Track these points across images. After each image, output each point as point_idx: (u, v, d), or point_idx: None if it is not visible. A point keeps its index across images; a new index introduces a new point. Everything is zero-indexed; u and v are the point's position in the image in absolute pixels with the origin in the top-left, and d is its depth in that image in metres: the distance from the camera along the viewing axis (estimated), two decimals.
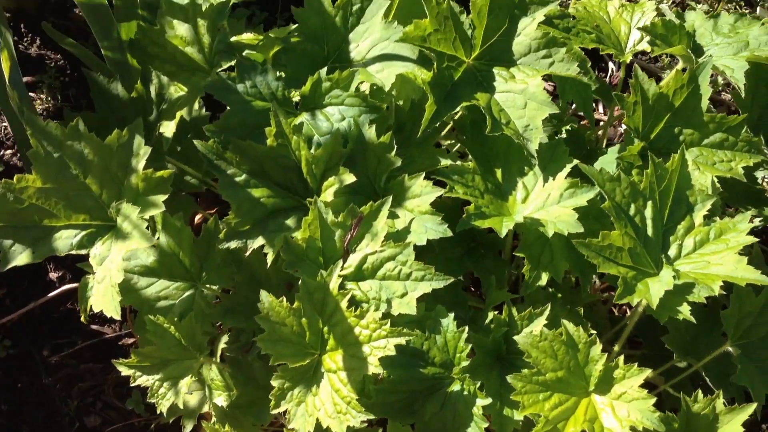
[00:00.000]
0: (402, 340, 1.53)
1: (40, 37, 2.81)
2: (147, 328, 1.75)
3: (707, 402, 1.67)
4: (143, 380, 1.78)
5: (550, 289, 1.95)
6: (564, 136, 2.06)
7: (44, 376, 2.37)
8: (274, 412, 1.61)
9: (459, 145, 2.07)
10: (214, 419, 1.92)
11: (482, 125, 1.83)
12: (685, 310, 1.69)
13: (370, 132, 1.77)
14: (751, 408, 1.64)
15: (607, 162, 1.97)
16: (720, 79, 2.74)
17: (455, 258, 1.90)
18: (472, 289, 2.33)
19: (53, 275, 2.50)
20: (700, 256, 1.74)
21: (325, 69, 1.79)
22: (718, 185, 1.89)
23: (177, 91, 1.93)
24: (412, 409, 1.68)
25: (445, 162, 1.86)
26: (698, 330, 1.95)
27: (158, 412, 1.81)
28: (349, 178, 1.71)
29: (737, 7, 3.12)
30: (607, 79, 2.97)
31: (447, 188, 1.80)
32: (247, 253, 1.74)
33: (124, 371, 1.78)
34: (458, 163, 1.86)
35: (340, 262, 1.64)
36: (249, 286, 1.84)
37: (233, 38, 1.91)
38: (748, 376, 1.82)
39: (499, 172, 1.89)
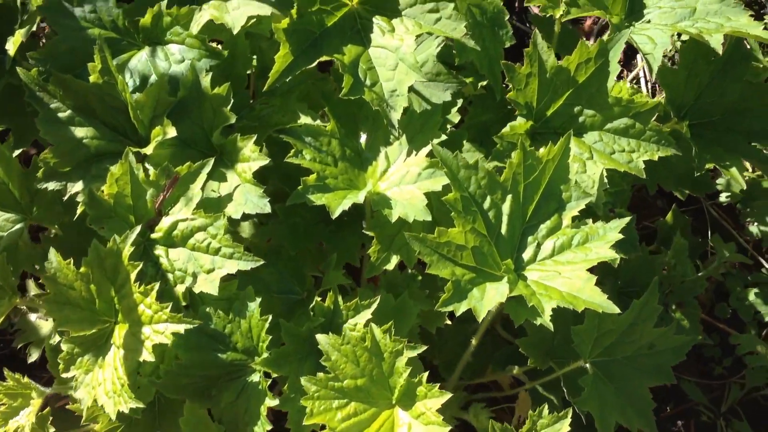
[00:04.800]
0: (180, 329, 1.40)
1: None
2: None
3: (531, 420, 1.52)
4: None
5: (411, 272, 1.78)
6: (459, 100, 1.83)
7: None
8: (64, 376, 1.52)
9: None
10: None
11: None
12: (546, 315, 1.51)
13: (206, 80, 1.58)
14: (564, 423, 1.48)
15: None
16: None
17: (304, 226, 1.73)
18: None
19: None
20: (555, 263, 1.55)
21: (166, 1, 1.60)
22: (606, 182, 1.67)
23: (37, 2, 1.75)
24: (209, 393, 1.57)
25: (304, 119, 1.67)
26: (568, 331, 1.77)
27: None
28: (171, 132, 1.55)
29: None
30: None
31: (292, 152, 1.62)
32: (65, 198, 1.61)
33: None
34: (317, 122, 1.67)
35: (139, 228, 1.49)
36: (78, 229, 1.71)
37: None
38: (598, 399, 1.65)
39: (364, 137, 1.70)
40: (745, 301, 2.15)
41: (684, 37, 2.15)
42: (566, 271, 1.52)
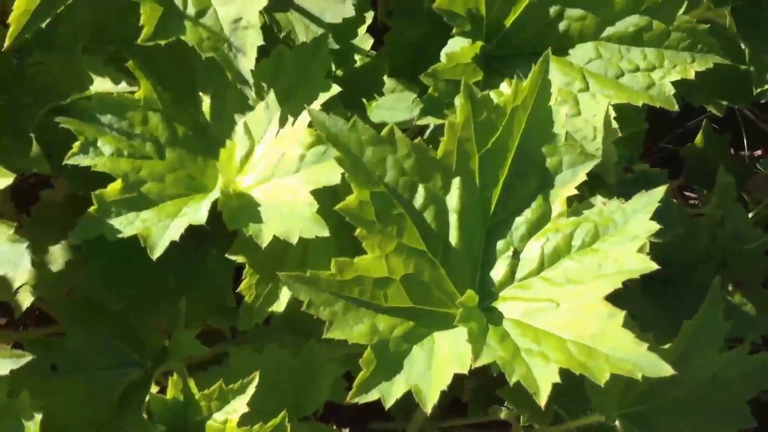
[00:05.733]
0: None
1: None
2: None
3: None
4: None
5: None
6: (368, 13, 1.15)
7: None
8: None
9: None
10: None
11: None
12: (543, 394, 0.84)
13: None
14: None
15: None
16: None
17: (131, 256, 1.05)
18: None
19: None
20: (547, 284, 0.90)
21: None
22: (615, 126, 1.00)
23: None
24: None
25: (101, 84, 0.99)
26: None
27: None
28: None
29: None
30: None
31: (77, 145, 0.94)
32: None
33: None
34: (122, 87, 0.99)
35: None
36: None
37: None
38: None
39: (206, 102, 1.02)
40: None
41: None
42: (568, 298, 0.88)
